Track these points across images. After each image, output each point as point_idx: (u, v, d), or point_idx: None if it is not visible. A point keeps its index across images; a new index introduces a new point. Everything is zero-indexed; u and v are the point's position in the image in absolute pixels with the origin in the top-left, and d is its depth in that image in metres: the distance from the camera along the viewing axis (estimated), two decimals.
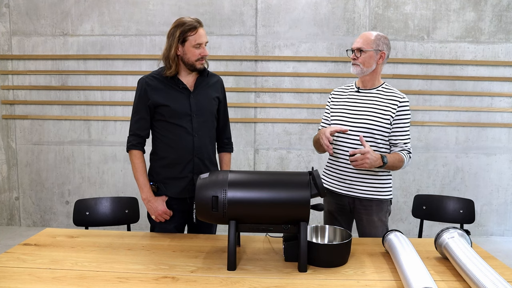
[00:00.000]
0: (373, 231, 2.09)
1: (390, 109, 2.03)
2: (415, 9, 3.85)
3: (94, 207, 2.33)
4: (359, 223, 2.14)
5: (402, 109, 2.04)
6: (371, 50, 2.03)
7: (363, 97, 2.11)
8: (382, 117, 2.03)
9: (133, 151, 2.04)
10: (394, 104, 2.04)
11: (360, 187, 2.08)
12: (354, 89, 2.15)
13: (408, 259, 1.47)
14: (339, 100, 2.18)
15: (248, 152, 4.04)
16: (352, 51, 2.08)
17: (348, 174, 2.09)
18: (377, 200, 2.09)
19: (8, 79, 4.05)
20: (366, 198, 2.09)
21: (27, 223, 4.22)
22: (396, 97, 2.05)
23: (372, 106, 2.07)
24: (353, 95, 2.14)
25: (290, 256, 1.65)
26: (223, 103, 2.17)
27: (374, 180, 2.07)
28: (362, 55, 2.04)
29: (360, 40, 2.05)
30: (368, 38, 2.03)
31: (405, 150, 2.05)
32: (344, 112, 2.12)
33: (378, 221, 2.09)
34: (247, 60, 3.94)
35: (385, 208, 2.11)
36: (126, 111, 4.02)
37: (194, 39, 1.94)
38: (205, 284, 1.46)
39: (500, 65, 3.89)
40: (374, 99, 2.08)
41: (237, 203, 1.58)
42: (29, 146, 4.12)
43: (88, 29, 3.96)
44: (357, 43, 2.06)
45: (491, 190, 4.05)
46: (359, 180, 2.08)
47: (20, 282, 1.46)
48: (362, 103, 2.09)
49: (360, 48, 2.04)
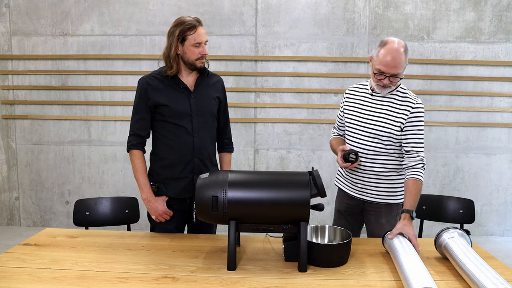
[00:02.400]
0: (382, 233, 2.07)
1: (403, 114, 1.96)
2: (415, 9, 3.85)
3: (94, 207, 2.33)
4: (368, 224, 2.14)
5: (415, 115, 1.95)
6: (403, 70, 1.91)
7: (377, 101, 2.03)
8: (393, 123, 1.96)
9: (133, 151, 2.04)
10: (407, 109, 1.96)
11: (371, 191, 2.07)
12: (369, 91, 2.07)
13: (408, 259, 1.47)
14: (352, 100, 2.12)
15: (248, 152, 4.04)
16: (383, 75, 1.89)
17: (359, 178, 2.08)
18: (386, 205, 2.08)
19: (8, 79, 4.05)
20: (375, 202, 2.08)
21: (27, 223, 4.22)
22: (410, 102, 1.97)
23: (385, 110, 2.00)
24: (367, 96, 2.07)
25: (290, 256, 1.65)
26: (223, 103, 2.17)
27: (384, 185, 2.05)
28: (397, 80, 1.92)
29: (395, 64, 1.85)
30: (401, 60, 1.86)
31: (419, 163, 1.93)
32: (356, 114, 2.07)
33: (386, 224, 2.07)
34: (247, 60, 3.94)
35: (395, 211, 2.09)
36: (126, 111, 4.02)
37: (194, 38, 1.94)
38: (205, 284, 1.46)
39: (500, 65, 3.89)
40: (387, 104, 2.00)
41: (237, 203, 1.58)
42: (29, 146, 4.12)
43: (88, 29, 3.96)
44: (392, 68, 1.86)
45: (491, 190, 4.05)
46: (369, 185, 2.06)
47: (20, 282, 1.46)
48: (376, 107, 2.02)
49: (397, 75, 1.89)
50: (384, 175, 2.04)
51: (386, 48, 1.87)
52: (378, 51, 1.91)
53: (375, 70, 1.91)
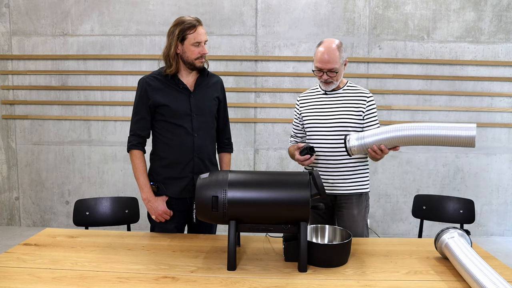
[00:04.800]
0: (353, 226, 2.13)
1: (361, 105, 2.12)
2: (415, 9, 3.85)
3: (94, 207, 2.33)
4: (340, 218, 2.19)
5: (371, 104, 2.14)
6: (340, 65, 2.06)
7: (332, 99, 2.16)
8: (354, 114, 2.11)
9: (133, 151, 2.04)
10: (363, 100, 2.13)
11: (342, 184, 2.14)
12: (321, 92, 2.19)
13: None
14: (308, 104, 2.21)
15: (248, 152, 4.04)
16: (322, 72, 2.06)
17: (330, 174, 2.14)
18: (357, 195, 2.16)
19: (8, 79, 4.05)
20: (347, 194, 2.15)
21: (27, 223, 4.22)
22: (363, 94, 2.14)
23: (343, 105, 2.13)
24: (321, 97, 2.18)
25: (290, 256, 1.65)
26: (223, 103, 2.18)
27: (353, 176, 2.14)
28: (335, 74, 2.06)
29: (329, 59, 2.02)
30: (334, 55, 2.02)
31: None
32: (316, 115, 2.16)
33: (357, 215, 2.15)
34: (247, 60, 3.94)
35: (364, 202, 2.18)
36: (126, 111, 4.02)
37: (193, 37, 1.95)
38: (205, 284, 1.46)
39: (500, 65, 3.89)
40: (343, 99, 2.14)
41: (237, 203, 1.58)
42: (29, 146, 4.12)
43: (88, 29, 3.96)
44: (326, 63, 2.03)
45: (491, 190, 4.05)
46: (340, 179, 2.14)
47: (20, 282, 1.46)
48: (333, 104, 2.15)
49: (332, 69, 2.04)
50: (353, 166, 2.14)
51: (321, 47, 2.06)
52: (315, 51, 2.09)
53: (314, 67, 2.09)
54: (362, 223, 2.15)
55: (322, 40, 2.11)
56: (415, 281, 1.51)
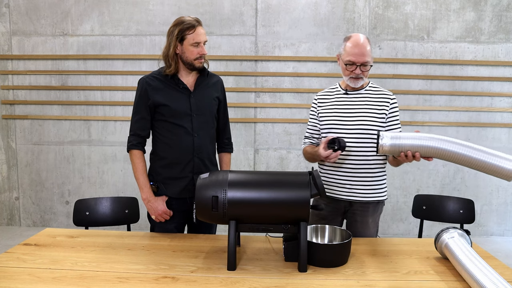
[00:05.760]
0: (367, 232, 2.08)
1: (384, 107, 2.03)
2: (415, 9, 3.85)
3: (94, 207, 2.33)
4: (353, 224, 2.10)
5: (394, 106, 2.06)
6: (372, 59, 2.00)
7: (353, 99, 2.06)
8: (377, 115, 2.02)
9: (133, 151, 2.04)
10: (387, 102, 2.05)
11: (360, 190, 2.04)
12: (341, 92, 2.10)
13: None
14: (326, 104, 2.11)
15: (248, 152, 4.04)
16: (355, 65, 1.97)
17: (347, 179, 2.04)
18: (374, 202, 2.08)
19: (8, 79, 4.05)
20: (365, 201, 2.06)
21: (27, 223, 4.22)
22: (386, 96, 2.06)
23: (365, 106, 2.04)
24: (341, 97, 2.09)
25: (290, 256, 1.65)
26: (223, 103, 2.17)
27: (372, 182, 2.05)
28: (368, 68, 1.99)
29: (363, 52, 1.94)
30: (367, 49, 1.96)
31: None
32: (335, 115, 2.06)
33: (371, 222, 2.09)
34: (247, 60, 3.94)
35: (380, 209, 2.11)
36: (126, 111, 4.02)
37: (192, 38, 1.94)
38: (205, 284, 1.46)
39: (500, 65, 3.89)
40: (365, 99, 2.05)
41: (237, 203, 1.58)
42: (29, 146, 4.12)
43: (88, 29, 3.96)
44: (361, 56, 1.95)
45: (491, 190, 4.05)
46: (359, 184, 2.04)
47: (20, 282, 1.46)
48: (354, 104, 2.05)
49: (366, 63, 1.96)
50: (373, 172, 2.04)
51: (351, 41, 1.99)
52: (344, 46, 2.02)
53: (346, 62, 1.99)
54: (374, 230, 2.09)
55: (349, 35, 2.03)
56: (415, 281, 1.51)
